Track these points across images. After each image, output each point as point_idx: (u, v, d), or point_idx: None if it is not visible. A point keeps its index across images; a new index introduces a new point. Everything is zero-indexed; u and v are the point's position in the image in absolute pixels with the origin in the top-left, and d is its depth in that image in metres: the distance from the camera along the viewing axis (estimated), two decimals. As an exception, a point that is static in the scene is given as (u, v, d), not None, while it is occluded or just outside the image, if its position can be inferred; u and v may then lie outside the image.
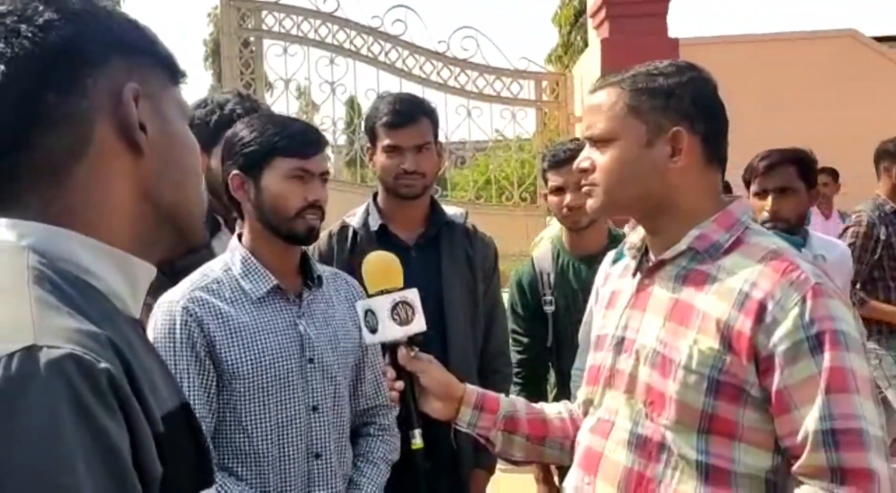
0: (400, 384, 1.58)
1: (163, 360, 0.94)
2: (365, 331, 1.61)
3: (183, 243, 0.96)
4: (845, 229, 3.83)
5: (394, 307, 1.57)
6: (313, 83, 7.34)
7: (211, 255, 1.98)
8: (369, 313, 1.59)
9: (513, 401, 1.68)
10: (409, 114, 2.39)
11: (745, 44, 6.73)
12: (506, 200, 7.55)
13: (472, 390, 1.64)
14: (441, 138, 2.69)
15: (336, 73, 7.19)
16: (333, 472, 1.85)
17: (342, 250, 2.40)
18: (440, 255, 2.42)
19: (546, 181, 2.74)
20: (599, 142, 1.43)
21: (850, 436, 1.23)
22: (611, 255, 2.48)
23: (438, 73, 7.25)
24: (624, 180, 1.42)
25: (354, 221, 2.46)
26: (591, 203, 1.47)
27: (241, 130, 1.87)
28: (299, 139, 1.83)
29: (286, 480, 1.79)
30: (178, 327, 1.76)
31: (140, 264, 0.88)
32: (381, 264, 1.67)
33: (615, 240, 2.68)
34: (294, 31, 7.21)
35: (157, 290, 1.83)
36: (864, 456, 1.22)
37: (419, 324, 1.59)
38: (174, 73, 0.94)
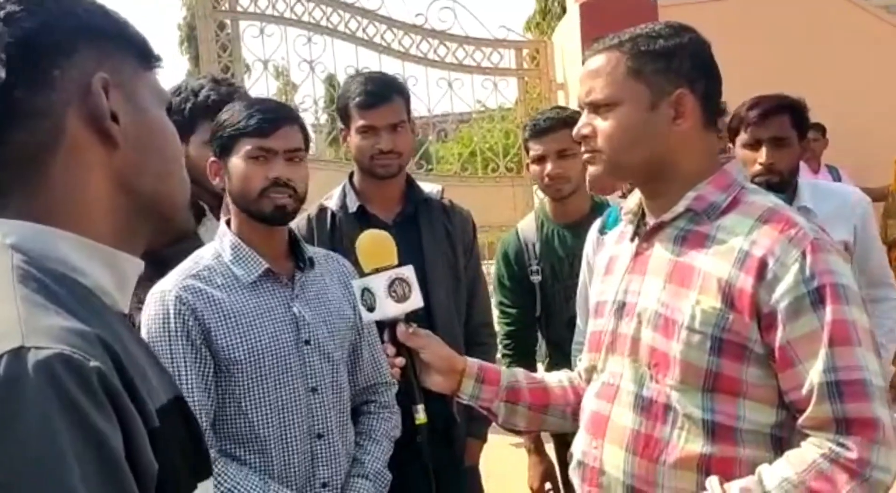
0: (401, 361, 1.58)
1: (154, 353, 0.93)
2: (362, 310, 1.61)
3: (168, 232, 0.95)
4: None
5: (390, 285, 1.57)
6: (292, 63, 7.27)
7: (198, 243, 1.97)
8: (366, 291, 1.59)
9: (513, 372, 1.69)
10: (382, 94, 2.37)
11: (724, 2, 6.68)
12: (491, 172, 7.51)
13: (473, 362, 1.65)
14: (423, 112, 2.69)
15: (314, 51, 7.11)
16: (336, 451, 1.85)
17: (322, 233, 2.39)
18: (420, 232, 2.43)
19: (528, 151, 2.73)
20: (601, 107, 1.42)
21: (854, 387, 1.24)
22: (597, 223, 2.48)
23: (418, 47, 7.17)
24: (628, 145, 1.41)
25: (332, 203, 2.45)
26: (593, 170, 1.46)
27: (220, 116, 1.88)
28: (258, 119, 1.81)
29: (290, 462, 1.80)
30: (171, 316, 1.75)
31: (127, 258, 0.87)
32: (375, 242, 1.66)
33: (598, 207, 2.68)
34: (269, 11, 7.12)
35: (144, 282, 1.82)
36: (869, 406, 1.24)
37: (416, 300, 1.59)
38: (148, 58, 0.92)
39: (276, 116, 1.84)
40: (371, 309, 1.59)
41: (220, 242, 1.87)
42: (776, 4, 6.60)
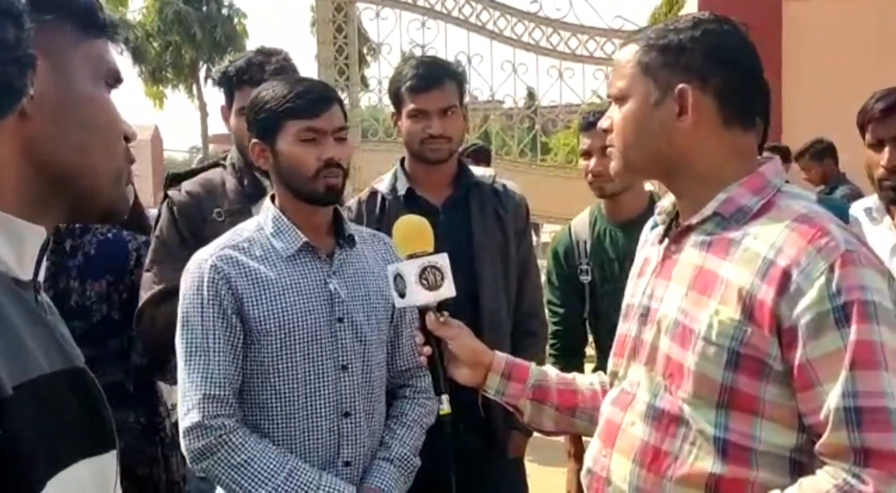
0: (428, 349, 1.57)
1: (51, 321, 0.91)
2: (395, 295, 1.61)
3: (92, 208, 0.93)
4: None
5: (422, 272, 1.56)
6: (405, 47, 7.34)
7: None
8: (398, 277, 1.58)
9: (544, 370, 1.65)
10: (434, 77, 2.37)
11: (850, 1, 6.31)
12: (598, 164, 7.41)
13: (501, 357, 1.62)
14: (533, 102, 2.69)
15: (427, 36, 7.16)
16: (362, 431, 1.85)
17: (371, 216, 2.41)
18: (470, 216, 2.41)
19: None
20: (618, 100, 1.38)
21: (875, 415, 1.14)
22: (650, 222, 2.38)
23: (530, 34, 7.12)
24: (633, 140, 1.36)
25: (382, 186, 2.46)
26: (612, 165, 1.43)
27: (258, 96, 1.88)
28: (305, 99, 1.81)
29: (314, 438, 1.81)
30: (205, 284, 1.79)
31: (26, 226, 0.85)
32: (410, 227, 1.65)
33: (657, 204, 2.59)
34: (386, -5, 7.22)
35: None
36: (891, 437, 1.14)
37: (448, 289, 1.57)
38: (90, 26, 0.90)
39: (323, 96, 1.85)
40: (402, 295, 1.58)
41: (265, 216, 1.89)
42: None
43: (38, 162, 0.86)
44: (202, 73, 30.59)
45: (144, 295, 2.24)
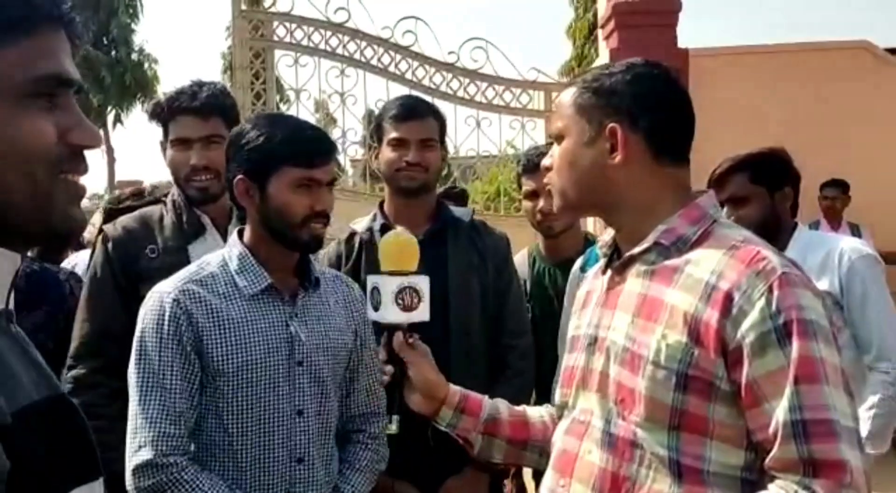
0: (390, 369, 1.58)
1: (29, 348, 0.87)
2: (369, 306, 1.62)
3: (30, 238, 0.87)
4: None
5: (400, 291, 1.57)
6: (324, 94, 7.39)
7: (185, 259, 1.99)
8: (375, 290, 1.59)
9: (496, 404, 1.67)
10: (417, 109, 2.44)
11: (756, 55, 6.66)
12: (514, 211, 7.53)
13: (455, 391, 1.64)
14: (450, 151, 2.74)
15: (346, 84, 7.22)
16: (316, 477, 1.83)
17: (349, 257, 2.43)
18: (447, 249, 2.42)
19: (520, 187, 2.73)
20: (556, 139, 1.46)
21: (820, 427, 1.21)
22: (579, 260, 2.46)
23: (448, 84, 7.26)
24: (569, 178, 1.44)
25: (359, 226, 2.49)
26: (552, 202, 1.50)
27: (249, 132, 1.82)
28: (308, 148, 1.80)
29: (266, 483, 1.77)
30: (166, 318, 1.75)
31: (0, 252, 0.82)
32: (397, 243, 1.66)
33: (592, 245, 2.66)
34: (305, 42, 7.24)
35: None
36: (837, 447, 1.20)
37: (422, 313, 1.59)
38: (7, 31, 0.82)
39: (327, 148, 1.84)
40: (376, 308, 1.59)
41: (230, 252, 1.86)
42: (811, 58, 6.58)
43: None
44: (110, 118, 29.95)
45: (74, 339, 2.22)
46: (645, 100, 1.40)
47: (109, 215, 2.38)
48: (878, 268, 2.54)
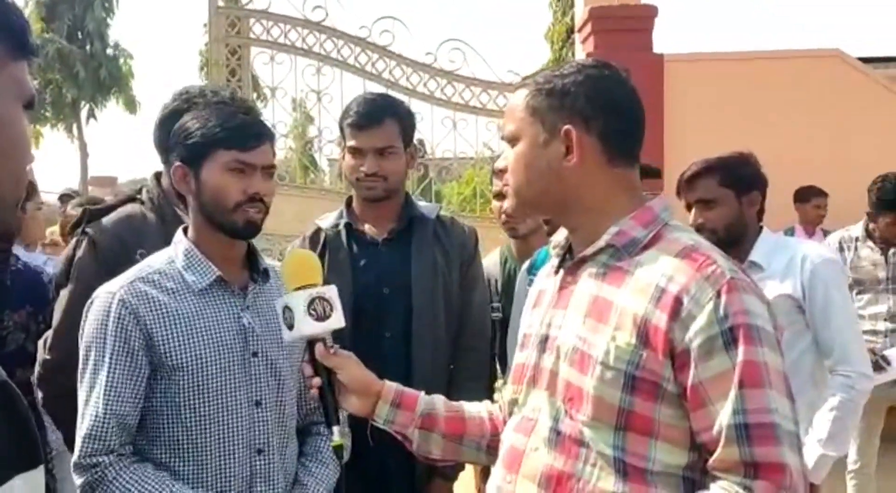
0: (317, 381, 1.56)
1: None
2: (284, 328, 1.59)
3: None
4: None
5: (310, 303, 1.55)
6: (300, 92, 7.35)
7: None
8: (286, 309, 1.58)
9: (432, 399, 1.67)
10: (373, 116, 2.38)
11: (730, 61, 6.73)
12: (490, 212, 7.54)
13: (391, 386, 1.64)
14: (427, 152, 2.74)
15: (323, 82, 7.20)
16: (276, 469, 1.83)
17: (314, 252, 2.38)
18: (410, 249, 2.42)
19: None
20: (510, 142, 1.47)
21: (762, 430, 1.23)
22: (528, 262, 2.48)
23: (425, 85, 7.25)
24: (525, 179, 1.45)
25: (325, 223, 2.48)
26: (507, 203, 1.51)
27: (188, 122, 1.85)
28: (240, 131, 1.80)
29: (227, 476, 1.77)
30: (111, 319, 1.75)
31: None
32: (298, 261, 1.67)
33: None
34: (282, 40, 7.21)
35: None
36: (777, 450, 1.23)
37: (337, 320, 1.58)
38: (21, 48, 0.89)
39: (259, 132, 1.84)
40: (291, 327, 1.58)
41: (175, 249, 1.86)
42: (785, 65, 6.64)
43: None
44: (84, 113, 29.65)
45: (52, 332, 2.15)
46: (598, 101, 1.41)
47: (92, 216, 2.29)
48: (840, 272, 2.60)
